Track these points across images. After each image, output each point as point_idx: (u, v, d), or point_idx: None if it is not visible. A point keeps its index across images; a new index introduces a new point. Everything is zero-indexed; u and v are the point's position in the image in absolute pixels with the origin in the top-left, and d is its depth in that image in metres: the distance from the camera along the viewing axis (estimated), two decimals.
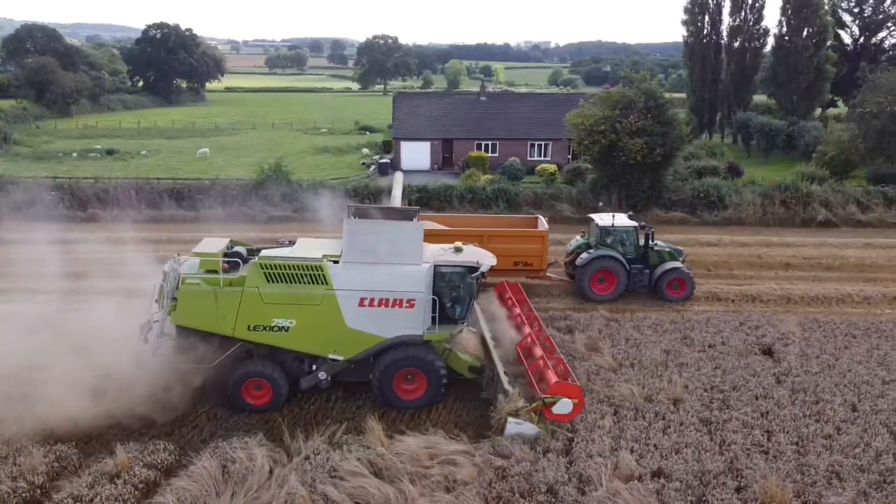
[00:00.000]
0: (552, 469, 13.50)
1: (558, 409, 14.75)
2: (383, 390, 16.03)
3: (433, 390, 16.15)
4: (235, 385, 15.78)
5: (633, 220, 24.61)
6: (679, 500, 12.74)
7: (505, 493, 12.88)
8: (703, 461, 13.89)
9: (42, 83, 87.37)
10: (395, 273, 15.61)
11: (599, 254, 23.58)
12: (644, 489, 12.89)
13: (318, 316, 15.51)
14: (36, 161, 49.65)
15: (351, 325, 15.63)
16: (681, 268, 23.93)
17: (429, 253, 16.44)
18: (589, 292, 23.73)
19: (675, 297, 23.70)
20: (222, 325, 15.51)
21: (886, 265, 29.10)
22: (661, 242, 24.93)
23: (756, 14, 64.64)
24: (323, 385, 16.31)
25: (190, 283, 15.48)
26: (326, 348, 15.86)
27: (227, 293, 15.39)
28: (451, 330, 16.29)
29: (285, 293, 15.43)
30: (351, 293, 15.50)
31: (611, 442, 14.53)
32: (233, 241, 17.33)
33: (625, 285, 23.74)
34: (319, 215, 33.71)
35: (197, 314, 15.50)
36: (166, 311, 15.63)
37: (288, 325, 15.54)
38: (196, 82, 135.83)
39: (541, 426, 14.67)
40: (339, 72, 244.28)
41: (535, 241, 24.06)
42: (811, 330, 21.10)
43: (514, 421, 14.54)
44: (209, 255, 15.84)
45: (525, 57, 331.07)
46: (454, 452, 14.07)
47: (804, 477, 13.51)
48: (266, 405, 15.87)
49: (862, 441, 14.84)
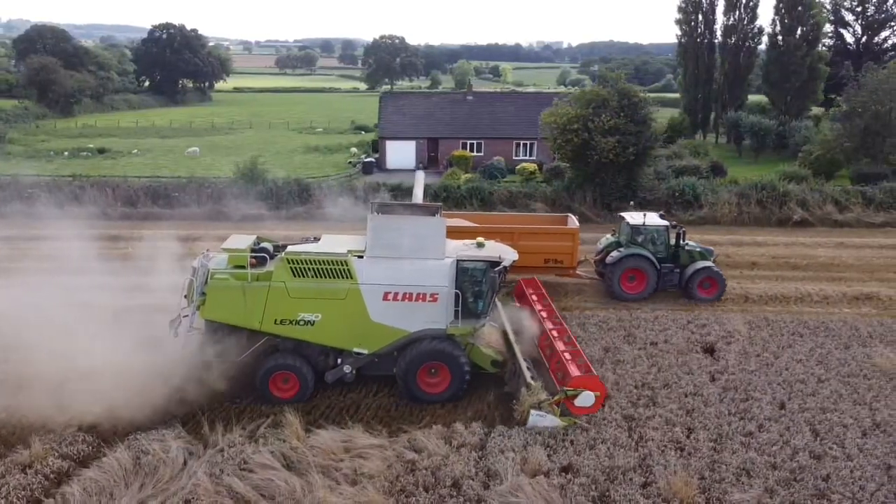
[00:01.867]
0: (461, 463, 13.59)
1: (581, 401, 15.05)
2: (407, 384, 16.21)
3: (456, 384, 16.29)
4: (263, 378, 16.11)
5: (664, 220, 24.51)
6: (582, 494, 12.76)
7: (409, 486, 12.98)
8: (615, 457, 13.91)
9: (44, 83, 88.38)
10: (419, 267, 15.84)
11: (629, 252, 23.48)
12: (548, 484, 12.94)
13: (343, 310, 15.79)
14: (27, 159, 50.30)
15: (375, 319, 15.87)
16: (712, 267, 23.75)
17: (451, 248, 16.65)
18: (618, 291, 23.62)
19: (706, 297, 23.58)
20: (250, 320, 15.82)
21: (855, 265, 28.90)
22: (692, 242, 24.79)
23: (750, 13, 64.38)
24: (348, 378, 16.54)
25: (219, 279, 15.80)
26: (351, 342, 16.15)
27: (254, 288, 15.71)
28: (473, 324, 16.42)
29: (311, 287, 15.73)
30: (375, 287, 15.75)
31: (526, 437, 14.58)
32: (259, 237, 17.72)
33: (655, 284, 23.61)
34: (293, 213, 34.55)
35: (225, 308, 15.80)
36: (195, 306, 15.96)
37: (314, 319, 15.83)
38: (202, 82, 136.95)
39: (563, 419, 14.84)
40: (349, 72, 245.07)
41: (565, 238, 24.17)
42: (758, 328, 21.03)
43: (537, 413, 14.75)
44: (237, 251, 16.16)
45: (536, 57, 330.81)
46: (369, 446, 14.21)
47: (713, 473, 13.51)
48: (293, 398, 16.16)
49: (781, 439, 14.80)
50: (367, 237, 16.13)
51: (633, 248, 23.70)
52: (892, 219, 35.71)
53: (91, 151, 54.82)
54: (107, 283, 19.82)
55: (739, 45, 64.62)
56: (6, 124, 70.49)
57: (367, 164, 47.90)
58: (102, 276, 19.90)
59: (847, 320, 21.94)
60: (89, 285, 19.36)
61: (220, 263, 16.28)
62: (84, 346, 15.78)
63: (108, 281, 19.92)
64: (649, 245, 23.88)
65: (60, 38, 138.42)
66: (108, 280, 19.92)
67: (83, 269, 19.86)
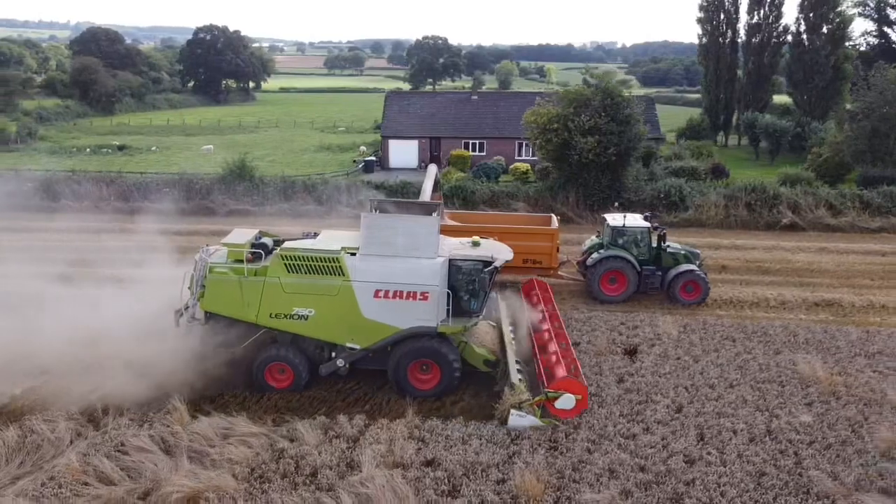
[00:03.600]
0: (328, 454, 13.87)
1: (561, 403, 15.10)
2: (398, 379, 16.52)
3: (446, 381, 16.49)
4: (259, 368, 16.63)
5: (648, 221, 24.20)
6: (432, 488, 12.89)
7: (268, 473, 13.34)
8: (482, 453, 13.99)
9: (86, 83, 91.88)
10: (411, 266, 16.09)
11: (609, 254, 23.37)
12: (403, 476, 13.12)
13: (336, 306, 16.17)
14: (50, 155, 52.65)
15: (367, 316, 16.19)
16: (695, 271, 23.43)
17: (447, 246, 16.92)
18: (598, 292, 23.54)
19: (689, 301, 23.24)
20: (246, 312, 16.38)
21: (831, 270, 28.04)
22: (676, 244, 24.58)
23: (776, 11, 62.59)
24: (341, 372, 16.91)
25: (217, 272, 16.41)
26: (343, 337, 16.51)
27: (250, 282, 16.26)
28: (465, 322, 16.61)
29: (305, 283, 16.17)
30: (367, 284, 16.08)
31: (404, 431, 14.76)
32: (262, 232, 18.21)
33: (635, 286, 23.47)
34: (277, 209, 35.36)
35: (223, 301, 16.43)
36: (195, 298, 16.68)
37: (307, 313, 16.27)
38: (244, 82, 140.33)
39: (544, 420, 14.94)
40: (397, 72, 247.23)
41: (544, 238, 24.09)
42: (691, 332, 20.66)
43: (517, 413, 14.88)
44: (236, 246, 16.78)
45: (587, 57, 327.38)
46: (248, 434, 14.60)
47: (575, 473, 13.45)
48: (287, 388, 16.65)
49: (662, 442, 14.61)
50: (360, 235, 16.49)
51: (613, 250, 23.51)
52: (890, 224, 34.42)
53: (112, 148, 57.00)
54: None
55: (764, 44, 62.92)
56: (42, 122, 73.67)
57: (368, 163, 48.51)
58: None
59: (790, 326, 21.36)
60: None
61: (221, 257, 16.86)
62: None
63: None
64: (632, 247, 23.65)
65: (114, 39, 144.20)
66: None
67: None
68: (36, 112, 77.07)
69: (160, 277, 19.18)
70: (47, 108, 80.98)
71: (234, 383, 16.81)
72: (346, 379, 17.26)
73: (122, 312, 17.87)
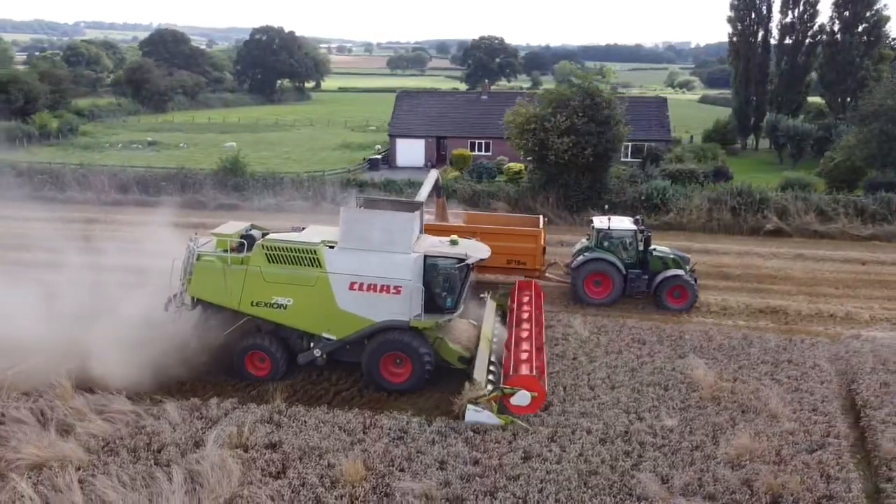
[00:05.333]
0: (181, 432, 14.65)
1: (516, 400, 15.28)
2: (370, 371, 17.04)
3: (417, 375, 16.85)
4: (240, 356, 17.41)
5: (633, 225, 23.97)
6: (260, 469, 13.47)
7: (119, 447, 14.19)
8: (327, 439, 14.46)
9: (139, 82, 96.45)
10: (385, 260, 16.62)
11: (593, 256, 23.34)
12: (238, 456, 13.73)
13: (313, 296, 16.83)
14: (82, 150, 55.78)
15: (342, 307, 16.81)
16: (682, 276, 23.06)
17: (426, 244, 17.47)
18: (583, 295, 23.48)
19: (676, 306, 22.91)
20: (229, 300, 17.23)
21: (798, 278, 27.26)
22: (665, 248, 24.33)
23: (811, 9, 60.30)
24: (319, 362, 17.51)
25: (204, 260, 17.36)
26: (320, 327, 17.15)
27: (234, 270, 17.10)
28: (438, 318, 16.99)
29: (284, 273, 16.89)
30: (342, 277, 16.71)
31: (264, 415, 15.40)
32: (253, 225, 19.09)
33: (620, 290, 23.32)
34: (264, 204, 36.68)
35: (209, 288, 17.31)
36: (184, 284, 17.65)
37: (286, 303, 16.98)
38: (298, 82, 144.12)
39: (502, 417, 15.18)
40: (457, 72, 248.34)
41: (528, 239, 24.03)
42: (603, 333, 20.53)
43: (474, 408, 15.17)
44: (224, 236, 17.73)
45: (657, 58, 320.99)
46: (119, 411, 15.49)
47: (408, 462, 13.74)
48: (266, 376, 17.35)
49: (506, 438, 14.75)
50: (339, 229, 17.15)
51: (598, 253, 23.40)
52: (883, 232, 33.01)
53: (142, 144, 59.88)
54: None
55: (798, 44, 60.71)
56: (94, 119, 77.88)
57: (374, 161, 49.43)
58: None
59: (710, 332, 20.95)
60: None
61: (210, 246, 17.87)
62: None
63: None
64: (620, 250, 23.52)
65: (179, 40, 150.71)
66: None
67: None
68: (89, 109, 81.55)
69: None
70: (100, 107, 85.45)
71: (217, 368, 17.52)
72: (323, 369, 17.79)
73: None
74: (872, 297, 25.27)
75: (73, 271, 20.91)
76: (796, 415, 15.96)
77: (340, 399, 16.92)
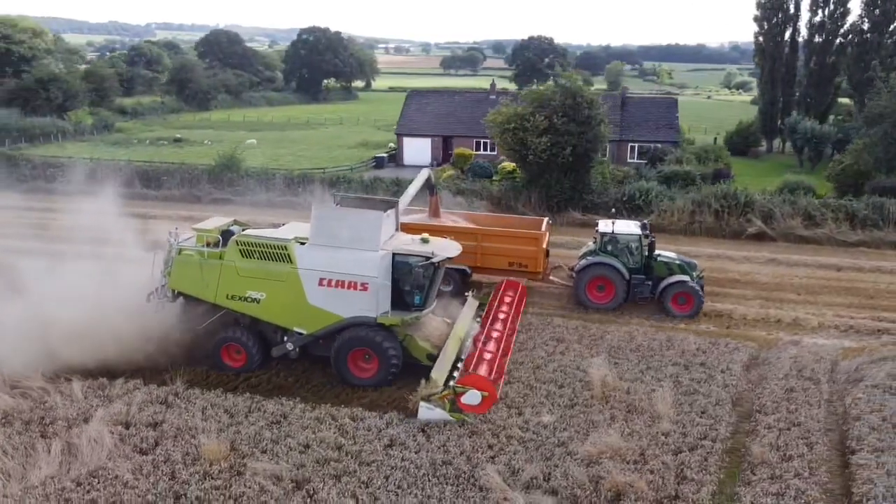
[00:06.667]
0: (77, 408, 15.59)
1: (467, 399, 15.40)
2: (338, 366, 17.35)
3: (383, 371, 17.13)
4: (216, 347, 17.97)
5: (639, 229, 23.50)
6: (132, 444, 14.27)
7: (13, 418, 15.17)
8: (208, 420, 15.18)
9: (183, 81, 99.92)
10: (353, 257, 16.98)
11: (596, 261, 22.99)
12: (119, 433, 14.56)
13: (284, 291, 17.29)
14: (110, 145, 58.45)
15: (312, 302, 17.22)
16: (687, 282, 22.54)
17: (398, 242, 17.87)
18: (585, 299, 23.11)
19: (681, 313, 22.44)
20: (206, 292, 17.83)
21: (761, 283, 26.73)
22: (671, 254, 23.88)
23: (842, 8, 58.18)
24: (292, 356, 18.00)
25: (184, 254, 18.04)
26: (292, 322, 17.60)
27: (210, 264, 17.75)
28: (405, 316, 17.31)
29: (257, 268, 17.43)
30: (312, 273, 17.12)
31: (160, 396, 16.22)
32: (236, 221, 19.77)
33: (623, 296, 22.88)
34: (256, 199, 37.91)
35: (187, 281, 17.96)
36: (164, 277, 18.41)
37: (259, 297, 17.49)
38: (345, 81, 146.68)
39: (453, 414, 15.31)
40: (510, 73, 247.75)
41: (529, 242, 23.63)
42: (524, 331, 20.56)
43: (426, 406, 15.41)
44: (204, 231, 18.48)
45: (721, 58, 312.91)
46: (30, 388, 16.43)
47: (272, 444, 14.35)
48: (241, 368, 17.91)
49: (381, 424, 15.19)
50: (311, 226, 17.58)
51: (601, 257, 23.05)
52: (872, 238, 31.79)
53: (168, 140, 62.30)
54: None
55: (828, 44, 58.66)
56: (136, 116, 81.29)
57: (379, 159, 50.25)
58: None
59: (634, 333, 20.81)
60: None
61: (191, 241, 18.72)
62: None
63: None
64: (626, 255, 23.08)
65: (233, 40, 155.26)
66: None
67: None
68: (132, 107, 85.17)
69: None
70: (144, 105, 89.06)
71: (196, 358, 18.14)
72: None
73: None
74: (832, 303, 24.54)
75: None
76: (681, 416, 15.84)
77: (309, 390, 17.18)
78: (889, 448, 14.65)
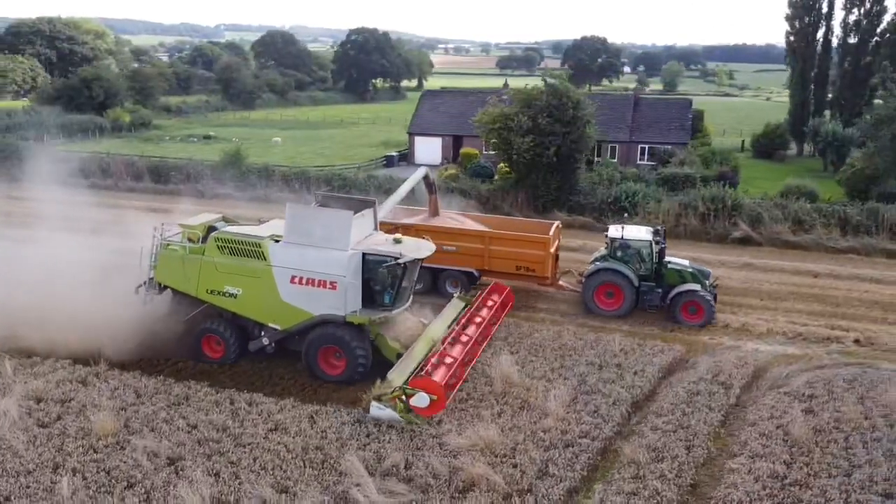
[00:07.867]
0: (1, 384, 16.79)
1: (415, 401, 15.60)
2: (308, 362, 17.83)
3: (350, 369, 17.46)
4: (197, 338, 18.60)
5: (650, 235, 23.07)
6: (37, 417, 15.30)
7: None
8: (115, 399, 16.08)
9: (228, 80, 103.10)
10: (323, 256, 17.34)
11: (604, 267, 22.60)
12: (28, 408, 15.59)
13: (259, 287, 17.82)
14: (142, 142, 61.10)
15: (285, 299, 17.67)
16: (698, 291, 21.92)
17: (372, 241, 18.16)
18: (592, 306, 22.76)
19: (692, 322, 21.84)
20: (188, 286, 18.52)
21: (730, 287, 26.11)
22: (684, 261, 23.43)
23: (878, 6, 55.86)
24: (268, 350, 18.44)
25: (169, 249, 18.75)
26: (266, 317, 18.10)
27: (191, 259, 18.38)
28: (373, 314, 17.63)
29: (233, 264, 18.00)
30: (284, 270, 17.57)
31: (80, 376, 17.25)
32: (224, 217, 20.40)
33: (632, 303, 22.46)
34: (255, 195, 39.14)
35: (171, 274, 18.72)
36: (151, 270, 19.21)
37: (236, 292, 18.07)
38: (393, 81, 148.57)
39: (402, 415, 15.43)
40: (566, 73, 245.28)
41: (535, 246, 23.22)
42: None
43: (377, 405, 15.61)
44: (188, 226, 19.07)
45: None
46: None
47: (165, 425, 15.09)
48: (219, 359, 18.53)
49: (269, 410, 15.80)
50: (285, 225, 18.04)
51: (610, 263, 22.68)
52: (863, 245, 30.69)
53: (198, 137, 64.67)
54: None
55: (863, 43, 56.39)
56: (181, 114, 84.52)
57: (390, 158, 50.98)
58: None
59: (563, 333, 20.73)
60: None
61: (177, 235, 19.63)
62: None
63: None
64: (637, 261, 22.71)
65: (289, 41, 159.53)
66: None
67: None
68: (177, 105, 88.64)
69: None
70: (189, 103, 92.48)
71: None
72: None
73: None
74: (793, 310, 23.93)
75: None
76: (569, 415, 15.87)
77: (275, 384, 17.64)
78: (769, 454, 14.48)
